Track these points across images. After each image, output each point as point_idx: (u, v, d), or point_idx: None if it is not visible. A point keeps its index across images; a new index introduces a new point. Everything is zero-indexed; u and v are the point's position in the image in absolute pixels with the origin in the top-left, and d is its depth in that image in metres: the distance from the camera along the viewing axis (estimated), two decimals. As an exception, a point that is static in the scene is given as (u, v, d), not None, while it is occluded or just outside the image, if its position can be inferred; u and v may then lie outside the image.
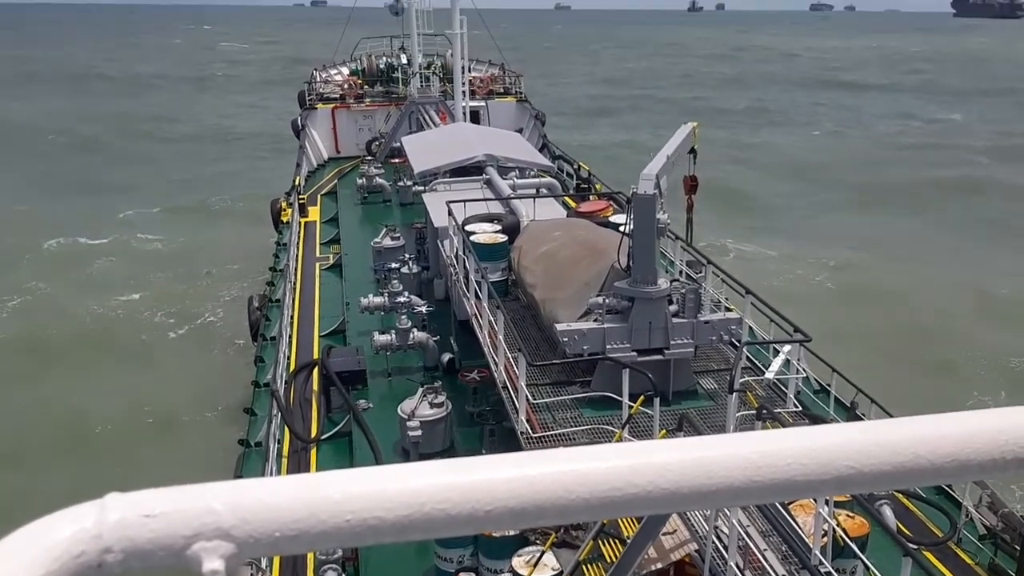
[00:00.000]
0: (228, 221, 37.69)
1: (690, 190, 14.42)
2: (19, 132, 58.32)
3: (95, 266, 32.11)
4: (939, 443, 1.23)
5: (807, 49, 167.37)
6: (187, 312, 27.48)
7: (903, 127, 69.95)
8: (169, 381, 22.68)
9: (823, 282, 31.22)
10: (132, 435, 20.22)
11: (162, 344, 25.46)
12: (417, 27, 32.76)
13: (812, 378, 13.83)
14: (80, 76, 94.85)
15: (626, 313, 11.37)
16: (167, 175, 47.59)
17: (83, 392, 22.10)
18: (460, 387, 14.04)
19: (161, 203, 40.93)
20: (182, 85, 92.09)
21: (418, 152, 22.44)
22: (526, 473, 1.13)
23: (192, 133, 62.26)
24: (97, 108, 70.82)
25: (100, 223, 37.00)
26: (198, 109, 73.64)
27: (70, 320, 26.51)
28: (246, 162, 52.07)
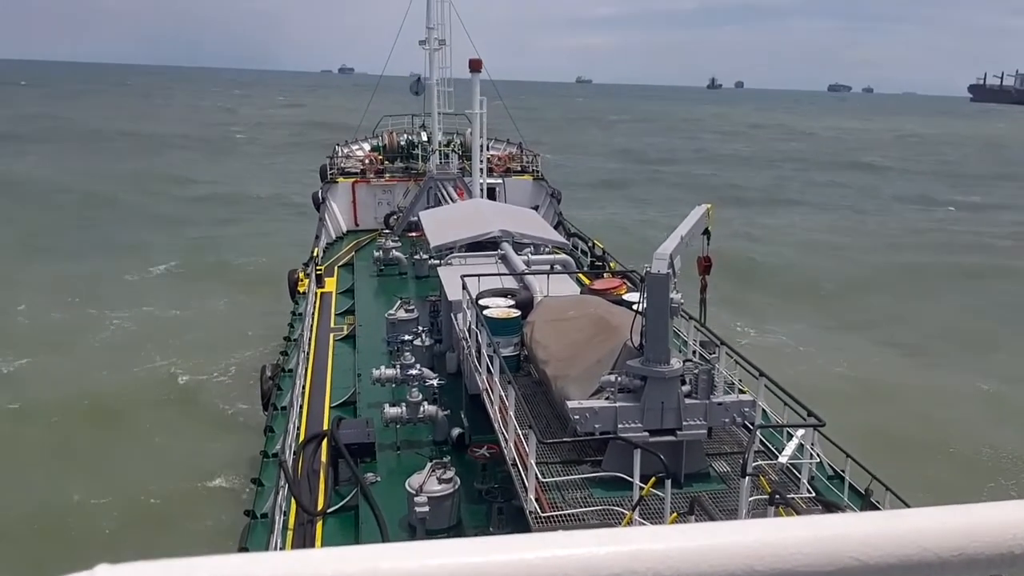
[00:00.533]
0: (242, 286, 37.97)
1: (704, 271, 14.46)
2: (38, 189, 59.45)
3: (106, 329, 32.30)
4: (946, 536, 1.21)
5: (825, 128, 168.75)
6: (199, 378, 27.50)
7: (922, 210, 69.98)
8: (178, 447, 22.57)
9: (839, 365, 30.89)
10: (137, 500, 20.03)
11: (172, 409, 25.40)
12: (438, 106, 33.53)
13: (826, 463, 13.60)
14: (105, 136, 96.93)
15: (638, 392, 11.29)
16: (183, 235, 48.22)
17: (89, 456, 22.01)
18: (469, 463, 13.86)
19: (175, 265, 41.40)
20: (203, 146, 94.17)
21: (435, 226, 22.70)
22: (523, 558, 1.12)
23: (207, 194, 63.17)
24: (119, 167, 72.37)
25: (110, 284, 37.41)
26: (217, 170, 74.82)
27: (78, 384, 26.55)
28: (266, 224, 52.73)
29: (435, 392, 15.81)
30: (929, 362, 31.78)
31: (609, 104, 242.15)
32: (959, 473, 22.33)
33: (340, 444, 14.27)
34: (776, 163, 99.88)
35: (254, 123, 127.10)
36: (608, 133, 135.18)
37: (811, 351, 32.32)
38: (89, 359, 28.89)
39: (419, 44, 33.63)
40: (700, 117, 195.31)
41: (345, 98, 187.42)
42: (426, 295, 22.57)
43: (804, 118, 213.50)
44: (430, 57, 33.15)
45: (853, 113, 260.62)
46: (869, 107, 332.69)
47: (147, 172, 70.68)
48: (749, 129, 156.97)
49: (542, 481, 10.73)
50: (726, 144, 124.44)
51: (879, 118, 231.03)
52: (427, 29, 32.88)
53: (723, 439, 12.58)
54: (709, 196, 64.46)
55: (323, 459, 14.61)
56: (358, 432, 14.77)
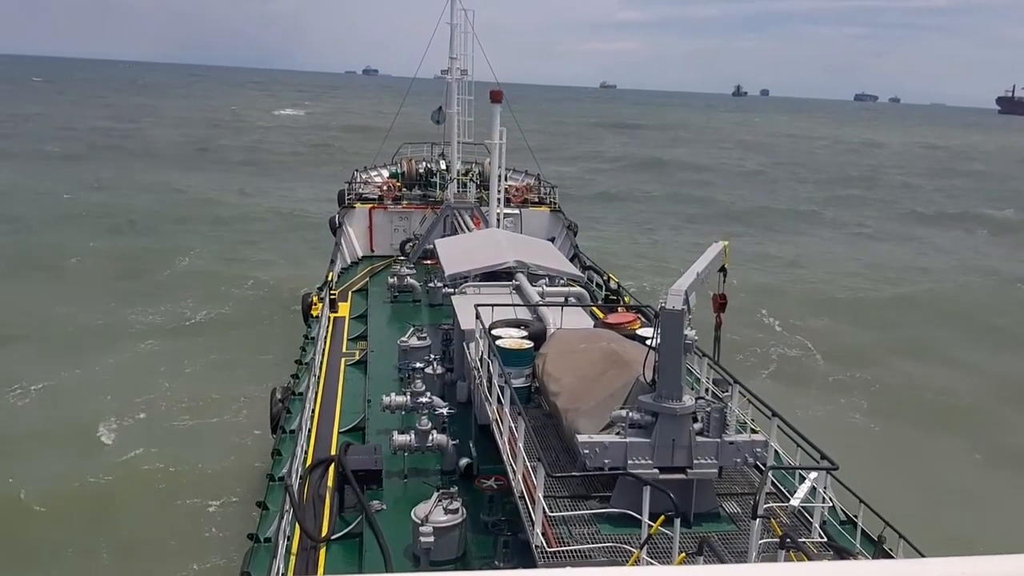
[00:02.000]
0: (251, 308, 38.06)
1: (719, 308, 14.38)
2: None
3: (123, 344, 32.43)
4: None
5: (859, 141, 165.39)
6: (209, 399, 27.49)
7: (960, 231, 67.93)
8: (184, 467, 22.52)
9: (857, 404, 30.36)
10: (142, 516, 19.97)
11: (179, 427, 25.38)
12: (457, 135, 33.74)
13: (839, 508, 13.40)
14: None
15: (649, 428, 11.18)
16: (197, 247, 48.43)
17: (93, 468, 22.00)
18: (476, 493, 13.75)
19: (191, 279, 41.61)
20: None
21: (450, 255, 22.74)
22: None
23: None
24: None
25: (123, 297, 37.63)
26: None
27: (89, 398, 26.61)
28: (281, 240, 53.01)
29: (445, 421, 15.74)
30: (954, 395, 30.51)
31: (634, 111, 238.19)
32: (982, 522, 21.51)
33: (347, 470, 14.19)
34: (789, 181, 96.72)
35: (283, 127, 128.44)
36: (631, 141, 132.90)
37: (828, 384, 31.80)
38: (96, 372, 28.99)
39: (441, 73, 33.92)
40: (720, 125, 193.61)
41: (369, 101, 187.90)
42: (439, 323, 22.56)
43: (829, 127, 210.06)
44: (451, 87, 33.42)
45: (880, 123, 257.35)
46: (896, 117, 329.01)
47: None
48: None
49: (549, 515, 10.61)
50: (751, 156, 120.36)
51: (909, 128, 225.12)
52: (449, 59, 33.18)
53: (734, 479, 12.43)
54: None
55: (329, 484, 14.52)
56: (366, 458, 14.70)
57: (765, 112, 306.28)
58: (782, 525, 10.82)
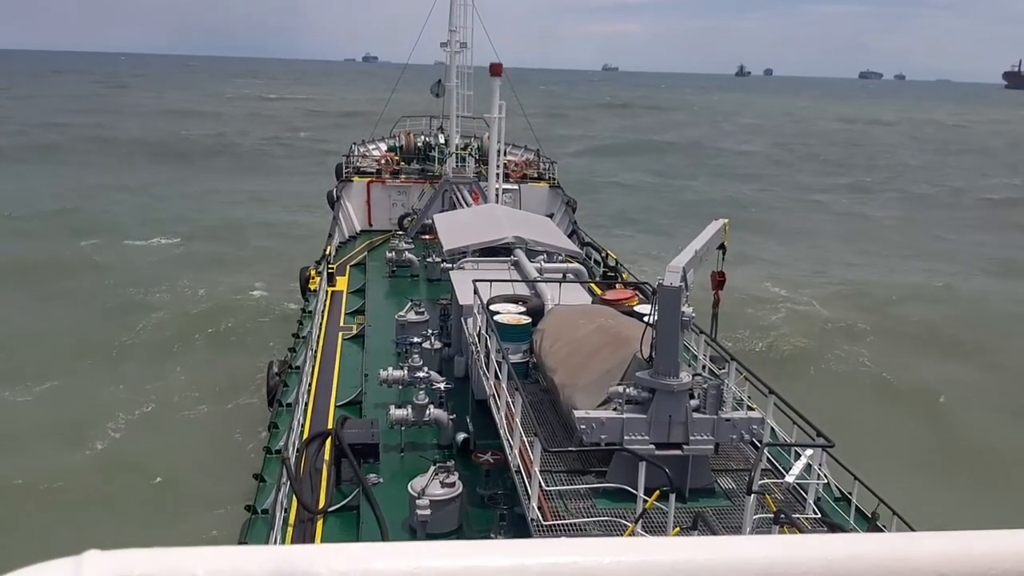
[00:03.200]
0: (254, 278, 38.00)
1: (717, 285, 14.40)
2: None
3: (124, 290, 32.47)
4: (964, 562, 1.17)
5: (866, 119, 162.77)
6: (206, 371, 27.55)
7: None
8: (180, 439, 22.61)
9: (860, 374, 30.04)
10: (136, 489, 20.08)
11: (175, 399, 25.44)
12: (456, 109, 33.58)
13: (833, 485, 13.51)
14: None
15: (646, 404, 11.24)
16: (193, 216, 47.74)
17: (93, 441, 22.10)
18: (473, 468, 13.84)
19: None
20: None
21: (449, 230, 22.73)
22: (522, 563, 1.08)
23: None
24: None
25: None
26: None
27: (88, 380, 26.67)
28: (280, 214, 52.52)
29: (442, 396, 15.80)
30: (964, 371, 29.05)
31: (635, 94, 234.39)
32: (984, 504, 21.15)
33: (344, 444, 14.27)
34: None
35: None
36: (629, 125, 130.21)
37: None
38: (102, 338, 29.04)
39: (440, 46, 33.71)
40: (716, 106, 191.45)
41: (368, 89, 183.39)
42: (437, 298, 22.59)
43: (836, 105, 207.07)
44: (450, 59, 33.22)
45: (888, 101, 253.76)
46: (903, 93, 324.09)
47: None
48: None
49: (545, 489, 10.70)
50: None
51: (918, 105, 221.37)
52: (449, 31, 32.98)
53: (730, 456, 12.52)
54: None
55: (326, 458, 14.61)
56: (363, 432, 14.78)
57: (769, 91, 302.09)
58: (776, 501, 10.91)
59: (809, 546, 1.17)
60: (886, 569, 1.15)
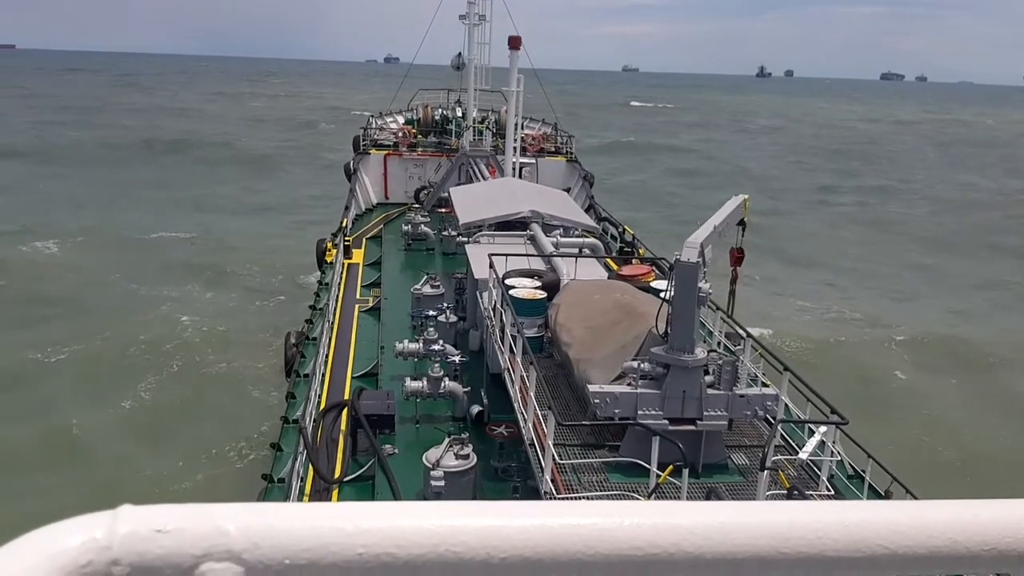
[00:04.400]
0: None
1: (736, 261, 14.35)
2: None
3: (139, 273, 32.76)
4: (979, 530, 1.18)
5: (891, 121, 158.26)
6: (225, 339, 27.82)
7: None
8: (199, 408, 22.89)
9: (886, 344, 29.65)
10: (157, 454, 20.38)
11: (197, 369, 25.73)
12: (475, 82, 33.44)
13: (847, 462, 13.53)
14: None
15: (660, 380, 11.28)
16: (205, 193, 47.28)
17: (110, 407, 22.42)
18: (487, 441, 13.96)
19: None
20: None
21: (465, 203, 22.72)
22: (545, 523, 1.11)
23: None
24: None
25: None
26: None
27: (99, 342, 26.99)
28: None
29: (457, 369, 15.90)
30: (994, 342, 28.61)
31: (658, 94, 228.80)
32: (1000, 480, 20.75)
33: (360, 414, 14.40)
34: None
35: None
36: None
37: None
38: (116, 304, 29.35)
39: (459, 19, 33.53)
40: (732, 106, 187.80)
41: (389, 91, 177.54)
42: (453, 272, 22.63)
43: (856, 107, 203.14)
44: (469, 32, 33.05)
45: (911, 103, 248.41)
46: (925, 96, 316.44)
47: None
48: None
49: (559, 463, 10.78)
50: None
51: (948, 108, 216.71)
52: (468, 3, 32.77)
53: (744, 432, 12.55)
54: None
55: (343, 428, 14.75)
56: (379, 403, 14.89)
57: (797, 94, 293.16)
58: (790, 478, 10.96)
59: (826, 511, 1.20)
60: (900, 534, 1.17)
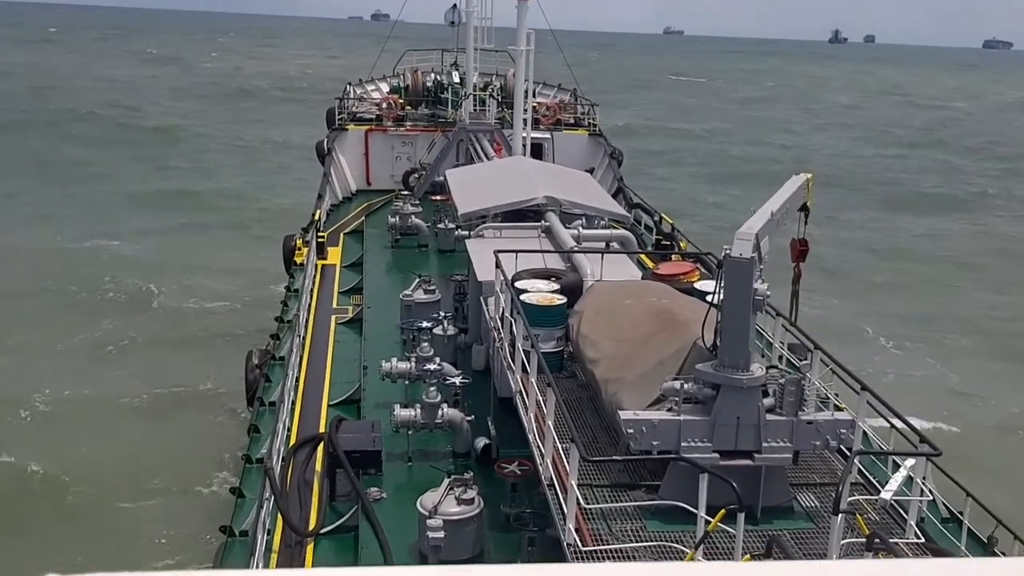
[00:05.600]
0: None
1: (799, 256, 14.28)
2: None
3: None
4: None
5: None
6: (171, 361, 27.89)
7: None
8: (144, 445, 22.93)
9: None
10: (96, 506, 20.43)
11: (139, 398, 25.80)
12: (475, 41, 33.39)
13: (940, 502, 13.47)
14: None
15: (709, 404, 11.23)
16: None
17: (44, 450, 22.48)
18: (496, 481, 13.93)
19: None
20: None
21: (465, 189, 22.73)
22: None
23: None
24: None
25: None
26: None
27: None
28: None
29: (457, 393, 15.89)
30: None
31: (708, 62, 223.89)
32: None
33: (339, 451, 14.39)
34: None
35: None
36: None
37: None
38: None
39: None
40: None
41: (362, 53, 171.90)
42: (451, 273, 22.65)
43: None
44: None
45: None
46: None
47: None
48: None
49: (584, 508, 10.75)
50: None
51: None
52: None
53: (812, 466, 12.51)
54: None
55: (318, 468, 14.75)
56: (361, 437, 14.88)
57: (879, 63, 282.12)
58: (870, 523, 10.90)
59: (910, 572, 1.17)
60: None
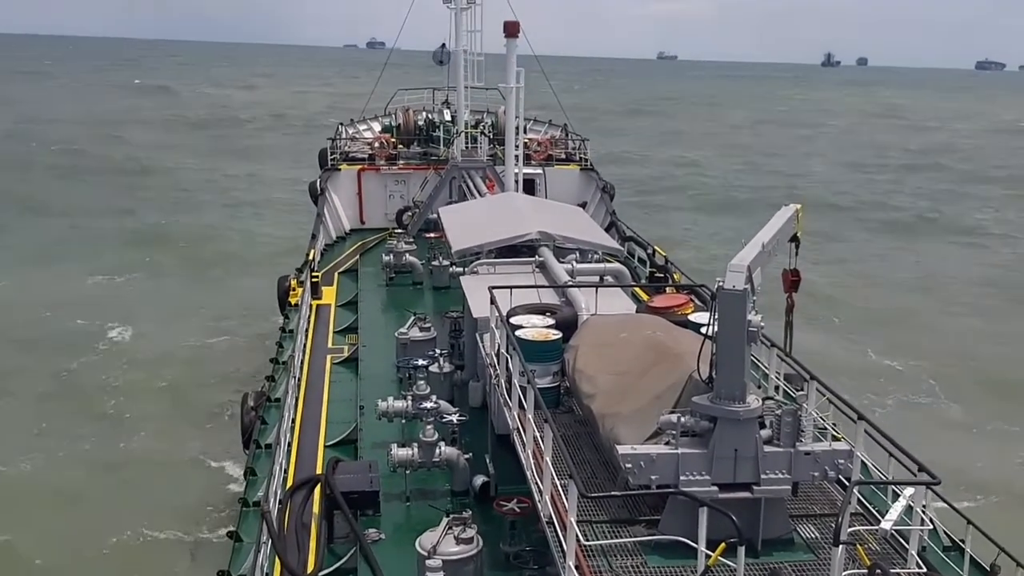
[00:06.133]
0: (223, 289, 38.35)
1: (791, 286, 14.32)
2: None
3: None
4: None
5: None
6: (168, 404, 27.79)
7: None
8: (141, 490, 22.80)
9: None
10: (91, 547, 20.26)
11: (135, 441, 25.68)
12: (465, 78, 33.59)
13: (941, 531, 13.42)
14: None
15: (706, 436, 11.22)
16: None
17: (37, 507, 22.37)
18: (495, 519, 13.89)
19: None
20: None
21: (458, 226, 22.80)
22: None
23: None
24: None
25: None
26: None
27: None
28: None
29: (454, 430, 15.86)
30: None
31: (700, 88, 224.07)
32: None
33: (336, 492, 14.35)
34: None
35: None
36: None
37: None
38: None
39: (443, 2, 33.82)
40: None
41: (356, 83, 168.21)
42: (446, 310, 22.65)
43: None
44: (456, 18, 33.32)
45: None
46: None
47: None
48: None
49: (584, 544, 10.71)
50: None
51: None
52: None
53: (812, 497, 12.48)
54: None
55: (315, 510, 14.69)
56: (359, 478, 14.85)
57: (872, 84, 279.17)
58: (871, 553, 10.87)
59: None
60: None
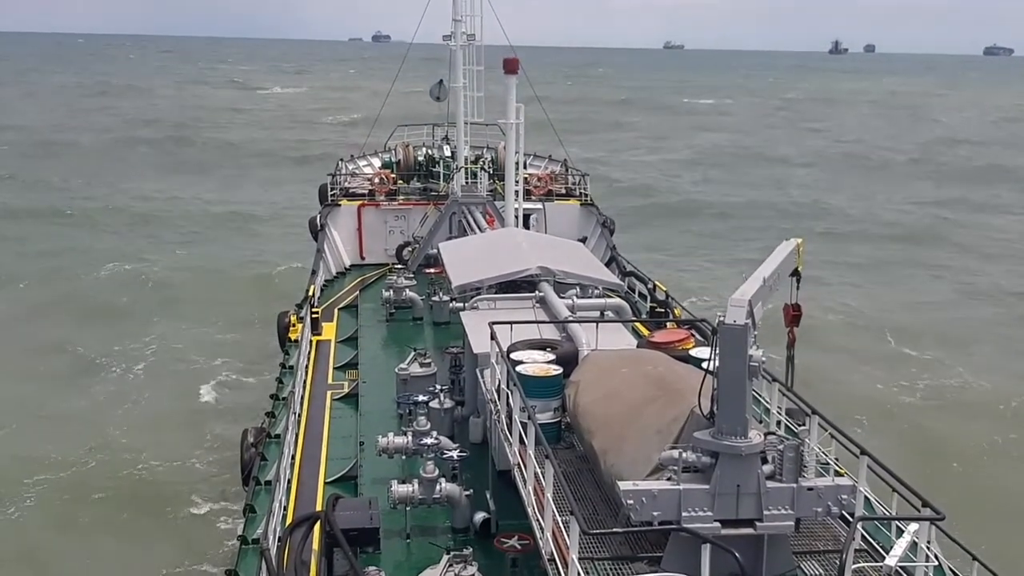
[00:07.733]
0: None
1: (792, 321, 14.33)
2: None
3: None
4: None
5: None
6: (167, 440, 27.69)
7: None
8: (136, 525, 22.69)
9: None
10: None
11: (131, 475, 25.56)
12: (464, 114, 33.78)
13: (946, 567, 13.33)
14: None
15: (708, 472, 11.19)
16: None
17: (34, 543, 22.25)
18: (496, 556, 13.84)
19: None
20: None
21: (458, 261, 22.85)
22: None
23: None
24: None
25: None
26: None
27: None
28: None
29: (455, 467, 15.82)
30: None
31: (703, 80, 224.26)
32: None
33: (336, 529, 14.27)
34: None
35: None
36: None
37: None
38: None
39: (443, 39, 34.05)
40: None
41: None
42: (446, 346, 22.64)
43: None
44: (455, 56, 33.53)
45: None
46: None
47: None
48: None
49: (586, 582, 10.65)
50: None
51: None
52: (453, 22, 33.29)
53: (815, 533, 12.45)
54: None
55: (315, 548, 14.63)
56: (359, 515, 14.78)
57: (881, 72, 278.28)
58: (876, 590, 10.81)
59: None
60: None
